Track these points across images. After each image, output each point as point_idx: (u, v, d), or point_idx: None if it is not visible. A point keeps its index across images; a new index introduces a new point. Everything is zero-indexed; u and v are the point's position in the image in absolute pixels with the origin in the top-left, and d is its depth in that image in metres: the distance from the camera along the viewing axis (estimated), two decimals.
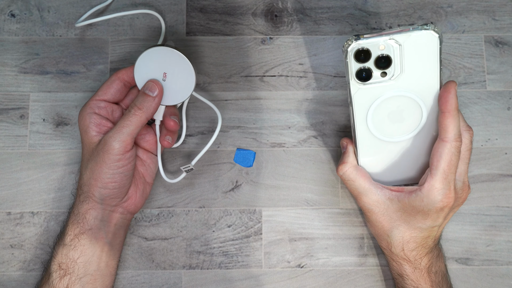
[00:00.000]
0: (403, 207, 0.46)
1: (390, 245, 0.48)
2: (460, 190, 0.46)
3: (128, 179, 0.48)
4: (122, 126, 0.46)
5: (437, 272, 0.48)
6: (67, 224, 0.48)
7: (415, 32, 0.41)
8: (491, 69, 0.56)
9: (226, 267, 0.53)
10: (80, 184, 0.48)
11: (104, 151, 0.46)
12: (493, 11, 0.57)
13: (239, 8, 0.57)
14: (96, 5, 0.57)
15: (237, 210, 0.54)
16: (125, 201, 0.49)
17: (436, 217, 0.46)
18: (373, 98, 0.44)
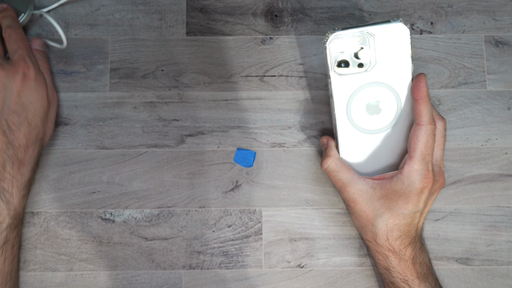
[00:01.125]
0: (385, 194, 0.48)
1: (375, 236, 0.49)
2: (437, 174, 0.48)
3: None
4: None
5: (422, 264, 0.49)
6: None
7: (387, 25, 0.46)
8: (491, 69, 0.56)
9: (226, 267, 0.53)
10: None
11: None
12: (493, 11, 0.57)
13: (239, 8, 0.57)
14: (95, 5, 0.57)
15: (237, 210, 0.54)
16: None
17: (417, 201, 0.47)
18: (352, 89, 0.48)
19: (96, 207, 0.54)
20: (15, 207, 0.48)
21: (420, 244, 0.50)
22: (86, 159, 0.55)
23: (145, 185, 0.54)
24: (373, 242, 0.49)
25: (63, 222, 0.54)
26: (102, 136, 0.55)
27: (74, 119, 0.55)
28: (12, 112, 0.48)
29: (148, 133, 0.55)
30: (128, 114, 0.55)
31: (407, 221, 0.48)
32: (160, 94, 0.56)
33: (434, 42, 0.57)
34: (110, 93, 0.56)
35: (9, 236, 0.48)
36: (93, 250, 0.53)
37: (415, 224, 0.49)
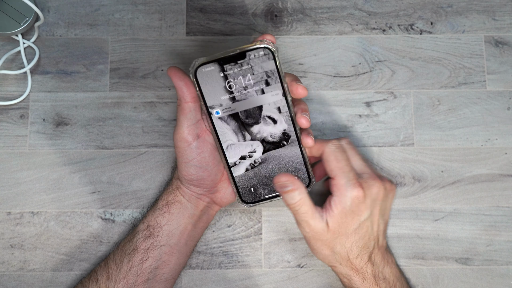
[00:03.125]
0: (335, 222, 0.46)
1: (337, 260, 0.48)
2: (369, 179, 0.47)
3: (205, 171, 0.48)
4: (176, 120, 0.48)
5: (385, 279, 0.48)
6: (162, 192, 0.51)
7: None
8: (491, 69, 0.56)
9: (226, 267, 0.53)
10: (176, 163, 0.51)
11: (174, 145, 0.48)
12: (493, 11, 0.57)
13: (239, 8, 0.57)
14: (95, 5, 0.57)
15: (237, 210, 0.54)
16: (213, 193, 0.50)
17: (360, 211, 0.46)
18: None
19: (96, 207, 0.54)
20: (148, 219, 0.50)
21: (383, 257, 0.49)
22: (86, 159, 0.55)
23: (145, 185, 0.54)
24: (337, 266, 0.49)
25: (63, 222, 0.54)
26: (102, 136, 0.55)
27: (74, 119, 0.55)
28: None
29: (148, 133, 0.55)
30: (128, 114, 0.55)
31: (361, 235, 0.47)
32: (160, 94, 0.56)
33: (434, 42, 0.57)
34: (110, 93, 0.56)
35: (139, 245, 0.48)
36: (93, 250, 0.53)
37: (370, 235, 0.47)
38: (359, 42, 0.57)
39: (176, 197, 0.49)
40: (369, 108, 0.56)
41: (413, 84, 0.56)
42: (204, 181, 0.48)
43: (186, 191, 0.49)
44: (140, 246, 0.48)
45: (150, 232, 0.48)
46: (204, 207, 0.50)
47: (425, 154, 0.55)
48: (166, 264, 0.49)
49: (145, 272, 0.48)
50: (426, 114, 0.56)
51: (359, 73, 0.56)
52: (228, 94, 0.46)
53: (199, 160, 0.47)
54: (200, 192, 0.49)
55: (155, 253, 0.48)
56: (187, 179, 0.48)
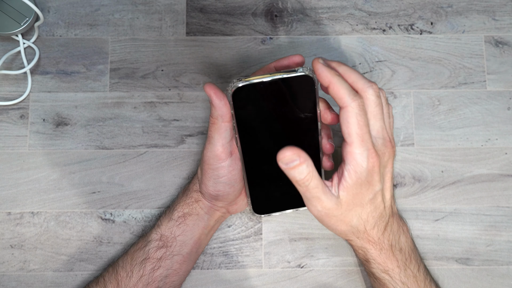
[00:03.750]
0: (349, 195, 0.44)
1: (354, 233, 0.46)
2: (382, 147, 0.44)
3: (232, 187, 0.47)
4: (209, 137, 0.46)
5: (401, 250, 0.47)
6: (178, 202, 0.50)
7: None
8: (491, 69, 0.56)
9: (226, 267, 0.53)
10: (198, 175, 0.50)
11: (203, 161, 0.47)
12: (493, 11, 0.57)
13: (239, 8, 0.57)
14: (95, 5, 0.57)
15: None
16: (230, 205, 0.50)
17: (374, 181, 0.43)
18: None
19: (96, 207, 0.54)
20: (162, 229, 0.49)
21: (398, 225, 0.48)
22: (86, 159, 0.55)
23: (145, 185, 0.54)
24: (353, 239, 0.47)
25: (63, 222, 0.54)
26: (102, 136, 0.55)
27: (74, 119, 0.55)
28: None
29: (148, 133, 0.55)
30: (128, 114, 0.55)
31: (376, 205, 0.45)
32: (160, 94, 0.56)
33: (434, 42, 0.57)
34: (110, 93, 0.56)
35: (151, 254, 0.48)
36: (93, 250, 0.53)
37: (384, 204, 0.45)
38: (359, 42, 0.57)
39: (194, 210, 0.49)
40: None
41: (413, 84, 0.56)
42: (229, 196, 0.48)
43: (206, 204, 0.49)
44: (153, 255, 0.48)
45: (164, 242, 0.48)
46: (218, 217, 0.51)
47: (425, 154, 0.55)
48: (177, 272, 0.49)
49: (155, 281, 0.48)
50: (426, 114, 0.56)
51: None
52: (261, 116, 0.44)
53: (229, 178, 0.47)
54: (221, 205, 0.49)
55: (167, 262, 0.48)
56: (212, 195, 0.48)
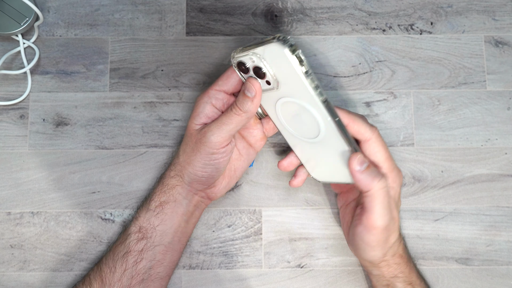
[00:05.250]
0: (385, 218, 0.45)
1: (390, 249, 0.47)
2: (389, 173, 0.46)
3: (218, 171, 0.48)
4: (223, 123, 0.46)
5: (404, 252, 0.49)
6: (154, 192, 0.50)
7: (266, 45, 0.41)
8: (491, 69, 0.56)
9: (226, 267, 0.53)
10: (174, 161, 0.50)
11: (201, 142, 0.46)
12: (493, 11, 0.57)
13: (239, 8, 0.57)
14: (95, 5, 0.57)
15: (237, 210, 0.54)
16: (210, 188, 0.50)
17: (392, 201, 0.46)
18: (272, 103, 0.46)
19: (96, 207, 0.54)
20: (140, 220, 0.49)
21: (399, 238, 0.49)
22: (86, 159, 0.55)
23: (145, 185, 0.54)
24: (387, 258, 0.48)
25: (63, 222, 0.54)
26: (102, 136, 0.55)
27: (74, 119, 0.55)
28: None
29: (148, 133, 0.55)
30: (128, 114, 0.55)
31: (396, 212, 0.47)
32: (160, 94, 0.56)
33: (434, 42, 0.57)
34: (110, 93, 0.56)
35: (132, 247, 0.48)
36: (93, 250, 0.53)
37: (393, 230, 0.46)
38: (359, 42, 0.57)
39: (171, 197, 0.49)
40: (369, 108, 0.56)
41: (413, 84, 0.56)
42: (212, 179, 0.48)
43: (185, 188, 0.49)
44: (133, 248, 0.48)
45: (143, 234, 0.48)
46: (197, 202, 0.50)
47: (425, 154, 0.55)
48: (161, 263, 0.49)
49: (139, 273, 0.48)
50: (426, 114, 0.56)
51: (359, 73, 0.56)
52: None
53: (220, 163, 0.47)
54: (200, 189, 0.49)
55: (149, 254, 0.48)
56: (198, 176, 0.48)
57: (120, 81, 0.56)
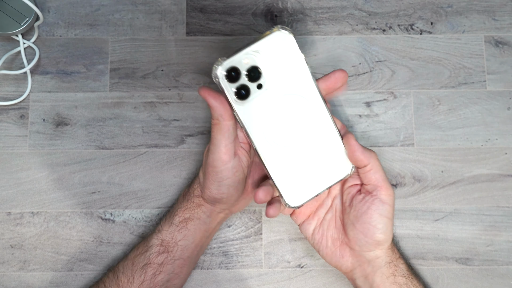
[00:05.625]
0: None
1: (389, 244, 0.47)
2: None
3: (235, 189, 0.46)
4: (211, 139, 0.44)
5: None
6: (179, 207, 0.50)
7: (267, 37, 0.41)
8: (491, 69, 0.56)
9: (226, 267, 0.53)
10: (198, 180, 0.49)
11: (206, 165, 0.45)
12: (493, 11, 0.57)
13: (239, 8, 0.57)
14: (95, 5, 0.57)
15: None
16: (233, 206, 0.49)
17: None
18: (260, 111, 0.43)
19: (96, 207, 0.54)
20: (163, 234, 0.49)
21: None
22: (86, 159, 0.55)
23: (145, 185, 0.54)
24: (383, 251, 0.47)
25: (63, 222, 0.54)
26: (102, 136, 0.55)
27: (74, 119, 0.55)
28: None
29: (148, 133, 0.55)
30: (128, 114, 0.55)
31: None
32: (160, 94, 0.56)
33: (434, 42, 0.57)
34: (110, 93, 0.56)
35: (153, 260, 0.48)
36: (93, 250, 0.53)
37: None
38: (359, 42, 0.57)
39: (196, 215, 0.49)
40: (369, 108, 0.56)
41: (413, 84, 0.56)
42: (232, 198, 0.47)
43: (208, 208, 0.49)
44: (154, 260, 0.48)
45: (165, 248, 0.48)
46: (221, 219, 0.51)
47: (425, 154, 0.55)
48: (178, 275, 0.49)
49: (157, 285, 0.48)
50: (426, 114, 0.56)
51: (359, 73, 0.56)
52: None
53: (233, 180, 0.45)
54: (224, 207, 0.49)
55: (169, 267, 0.48)
56: (216, 198, 0.47)
57: (120, 81, 0.56)
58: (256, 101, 0.43)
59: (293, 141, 0.44)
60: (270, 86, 0.43)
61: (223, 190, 0.46)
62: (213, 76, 0.42)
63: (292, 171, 0.45)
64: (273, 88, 0.43)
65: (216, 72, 0.41)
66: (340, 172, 0.46)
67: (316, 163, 0.45)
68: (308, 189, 0.45)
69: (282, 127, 0.44)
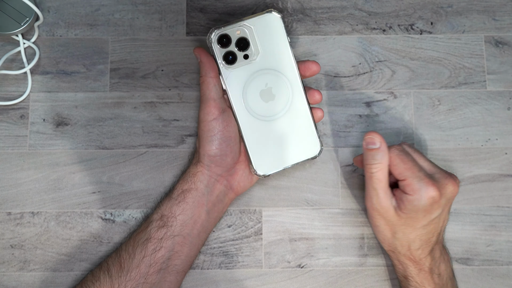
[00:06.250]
0: (405, 214, 0.47)
1: (396, 246, 0.49)
2: (443, 179, 0.47)
3: (228, 146, 0.49)
4: (200, 96, 0.49)
5: (440, 275, 0.49)
6: (178, 181, 0.51)
7: (260, 16, 0.49)
8: (491, 69, 0.56)
9: (226, 267, 0.53)
10: (196, 148, 0.51)
11: (199, 121, 0.49)
12: (493, 11, 0.57)
13: (239, 8, 0.57)
14: (95, 5, 0.57)
15: (237, 210, 0.54)
16: (231, 175, 0.50)
17: (433, 209, 0.46)
18: (243, 80, 0.50)
19: (96, 207, 0.54)
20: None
21: (440, 252, 0.49)
22: (86, 159, 0.55)
23: (145, 185, 0.54)
24: (394, 251, 0.49)
25: (63, 222, 0.54)
26: (102, 136, 0.55)
27: (74, 119, 0.55)
28: None
29: (148, 133, 0.55)
30: (128, 114, 0.55)
31: (428, 230, 0.47)
32: (160, 94, 0.56)
33: (434, 42, 0.57)
34: (110, 93, 0.56)
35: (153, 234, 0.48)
36: (93, 250, 0.53)
37: (435, 231, 0.48)
38: (359, 42, 0.57)
39: (193, 184, 0.49)
40: (369, 108, 0.56)
41: (413, 84, 0.56)
42: (226, 158, 0.49)
43: (205, 173, 0.49)
44: (154, 235, 0.48)
45: (164, 222, 0.48)
46: (220, 192, 0.50)
47: (425, 154, 0.55)
48: (178, 255, 0.49)
49: (158, 262, 0.48)
50: (426, 114, 0.56)
51: (359, 73, 0.56)
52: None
53: (224, 133, 0.48)
54: (219, 173, 0.49)
55: (169, 243, 0.48)
56: (210, 154, 0.48)
57: (120, 81, 0.56)
58: (241, 70, 0.49)
59: (269, 114, 0.50)
60: (256, 58, 0.49)
61: (215, 145, 0.48)
62: (207, 39, 0.49)
63: (264, 141, 0.50)
64: (258, 61, 0.49)
65: (210, 35, 0.49)
66: (308, 151, 0.51)
67: (287, 138, 0.50)
68: (276, 162, 0.50)
69: (260, 98, 0.50)
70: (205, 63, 0.49)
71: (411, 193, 0.46)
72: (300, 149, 0.51)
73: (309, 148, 0.51)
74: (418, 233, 0.47)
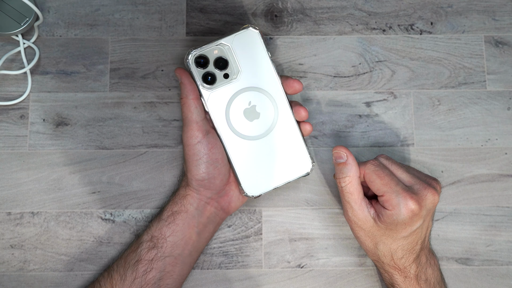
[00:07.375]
0: (384, 227, 0.47)
1: (379, 256, 0.49)
2: (422, 190, 0.46)
3: (215, 169, 0.48)
4: (182, 119, 0.48)
5: (427, 280, 0.48)
6: (168, 202, 0.51)
7: (238, 33, 0.48)
8: (491, 69, 0.56)
9: (226, 267, 0.53)
10: (184, 167, 0.51)
11: (183, 145, 0.49)
12: (493, 11, 0.57)
13: (239, 8, 0.57)
14: (95, 5, 0.57)
15: (237, 210, 0.54)
16: (221, 196, 0.50)
17: (414, 222, 0.46)
18: (225, 100, 0.49)
19: (96, 207, 0.54)
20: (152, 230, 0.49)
21: (427, 258, 0.49)
22: (86, 159, 0.55)
23: (145, 185, 0.54)
24: (378, 261, 0.49)
25: (63, 222, 0.54)
26: (102, 136, 0.55)
27: (74, 119, 0.55)
28: None
29: (148, 133, 0.55)
30: (128, 114, 0.55)
31: (410, 240, 0.47)
32: (160, 94, 0.56)
33: (434, 42, 0.57)
34: (110, 93, 0.56)
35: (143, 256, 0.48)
36: (93, 250, 0.53)
37: (419, 240, 0.48)
38: (359, 42, 0.57)
39: (183, 207, 0.49)
40: (369, 108, 0.56)
41: (413, 84, 0.56)
42: (215, 181, 0.48)
43: (194, 197, 0.49)
44: (144, 257, 0.48)
45: (154, 243, 0.48)
46: (210, 214, 0.50)
47: (425, 154, 0.55)
48: (170, 275, 0.49)
49: (149, 283, 0.47)
50: (426, 114, 0.56)
51: (359, 73, 0.56)
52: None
53: (210, 156, 0.47)
54: (209, 195, 0.49)
55: (159, 264, 0.48)
56: (197, 179, 0.48)
57: (120, 81, 0.56)
58: (222, 90, 0.48)
59: (255, 133, 0.49)
60: (237, 77, 0.48)
61: (202, 169, 0.48)
62: (184, 61, 0.48)
63: (252, 161, 0.49)
64: (239, 80, 0.48)
65: (187, 57, 0.48)
66: (299, 169, 0.50)
67: (276, 157, 0.49)
68: (266, 181, 0.50)
69: (244, 118, 0.49)
70: (186, 84, 0.48)
71: (390, 208, 0.46)
72: (291, 167, 0.50)
73: (300, 166, 0.50)
74: (399, 243, 0.47)
